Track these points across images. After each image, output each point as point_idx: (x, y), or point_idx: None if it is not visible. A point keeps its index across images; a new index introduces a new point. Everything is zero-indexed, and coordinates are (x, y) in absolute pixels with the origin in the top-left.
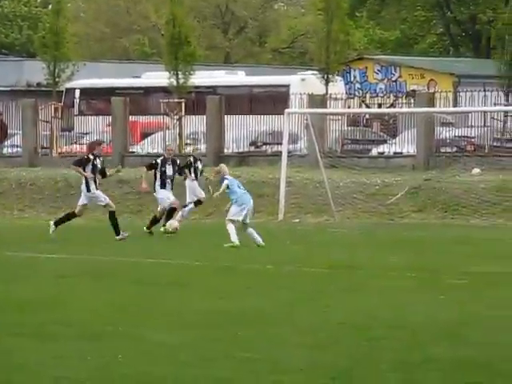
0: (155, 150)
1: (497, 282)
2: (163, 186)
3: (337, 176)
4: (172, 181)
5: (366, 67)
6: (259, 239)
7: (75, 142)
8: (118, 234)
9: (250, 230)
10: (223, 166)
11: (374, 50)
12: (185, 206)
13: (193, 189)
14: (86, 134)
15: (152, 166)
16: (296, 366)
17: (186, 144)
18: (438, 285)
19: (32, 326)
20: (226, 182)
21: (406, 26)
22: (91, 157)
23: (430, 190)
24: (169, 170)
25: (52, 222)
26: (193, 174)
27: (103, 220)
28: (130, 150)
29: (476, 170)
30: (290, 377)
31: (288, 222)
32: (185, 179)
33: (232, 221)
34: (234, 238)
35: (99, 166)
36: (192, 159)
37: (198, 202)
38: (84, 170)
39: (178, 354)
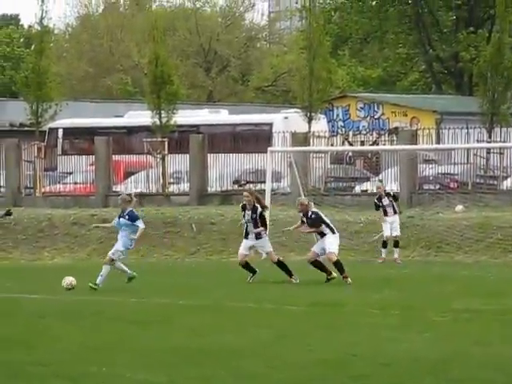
0: (138, 190)
1: (480, 319)
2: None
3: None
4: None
5: (349, 105)
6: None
7: (59, 182)
8: None
9: None
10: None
11: (356, 88)
12: None
13: None
14: (70, 173)
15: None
16: None
17: (170, 183)
18: (422, 322)
19: (5, 364)
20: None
21: (389, 64)
22: None
23: (413, 227)
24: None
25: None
26: None
27: (85, 259)
28: (114, 189)
29: (459, 207)
30: None
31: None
32: None
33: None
34: None
35: None
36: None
37: None
38: None
39: None
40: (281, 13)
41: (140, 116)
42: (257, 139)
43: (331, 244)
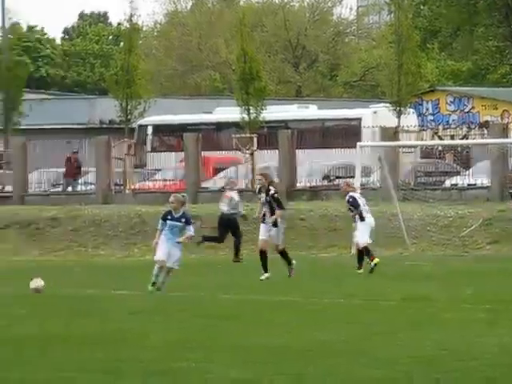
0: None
1: None
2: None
3: (410, 208)
4: None
5: (439, 99)
6: None
7: (148, 179)
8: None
9: None
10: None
11: (446, 82)
12: None
13: None
14: (159, 170)
15: None
16: None
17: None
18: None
19: (100, 361)
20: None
21: (478, 57)
22: None
23: (504, 222)
24: None
25: None
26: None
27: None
28: (203, 185)
29: None
30: None
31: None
32: None
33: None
34: None
35: None
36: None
37: None
38: None
39: None
40: (369, 7)
41: (229, 112)
42: (346, 134)
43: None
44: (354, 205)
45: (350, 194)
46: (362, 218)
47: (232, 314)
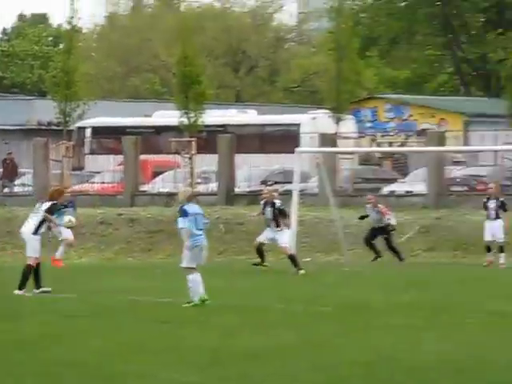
0: (166, 189)
1: (510, 323)
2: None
3: (348, 215)
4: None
5: (377, 106)
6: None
7: (86, 181)
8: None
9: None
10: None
11: (384, 89)
12: None
13: None
14: (97, 173)
15: None
16: None
17: (197, 183)
18: (451, 324)
19: (35, 365)
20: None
21: (417, 66)
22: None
23: (440, 229)
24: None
25: None
26: None
27: (112, 259)
28: (141, 188)
29: None
30: None
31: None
32: None
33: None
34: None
35: None
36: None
37: None
38: None
39: None
40: (309, 14)
41: (168, 116)
42: (285, 140)
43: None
44: (282, 212)
45: (276, 201)
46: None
47: (174, 317)
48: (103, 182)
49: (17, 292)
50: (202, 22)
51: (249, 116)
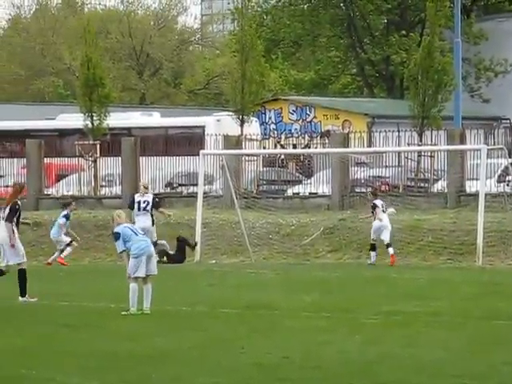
0: (70, 192)
1: (410, 321)
2: None
3: (252, 217)
4: None
5: (281, 108)
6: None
7: None
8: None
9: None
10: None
11: (289, 91)
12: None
13: None
14: (1, 176)
15: None
16: None
17: (102, 186)
18: (353, 324)
19: None
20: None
21: (321, 67)
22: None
23: (345, 230)
24: None
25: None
26: None
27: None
28: (45, 192)
29: (390, 210)
30: None
31: (204, 263)
32: None
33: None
34: None
35: None
36: None
37: None
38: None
39: None
40: (213, 16)
41: (72, 119)
42: (189, 142)
43: None
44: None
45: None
46: None
47: (74, 321)
48: (7, 186)
49: (21, 299)
50: (105, 24)
51: (153, 119)
